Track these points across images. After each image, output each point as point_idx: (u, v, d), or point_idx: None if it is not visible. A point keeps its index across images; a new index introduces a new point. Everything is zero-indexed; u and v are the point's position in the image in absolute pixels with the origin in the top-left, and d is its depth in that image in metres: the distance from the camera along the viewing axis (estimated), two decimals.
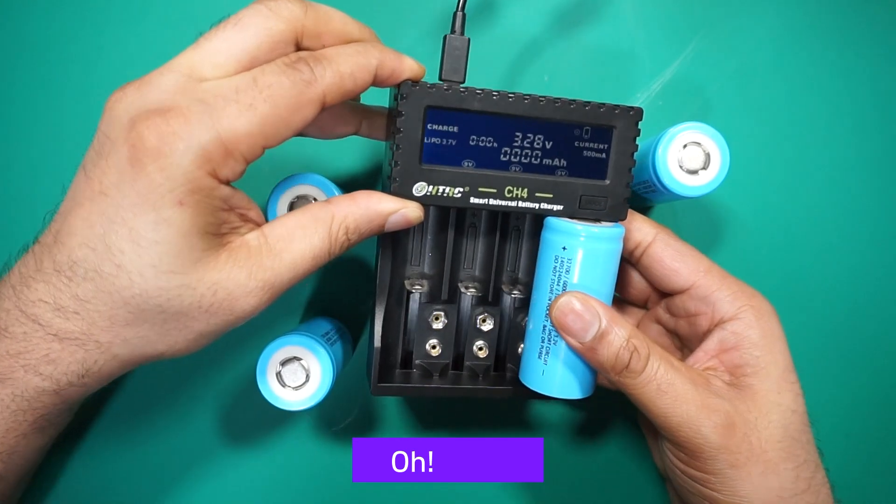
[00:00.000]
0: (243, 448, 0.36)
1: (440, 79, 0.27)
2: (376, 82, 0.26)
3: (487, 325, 0.31)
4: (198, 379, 0.35)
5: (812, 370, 0.31)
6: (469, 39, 0.28)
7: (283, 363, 0.28)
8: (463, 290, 0.30)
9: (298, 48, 0.25)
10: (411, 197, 0.27)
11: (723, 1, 0.36)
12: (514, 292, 0.31)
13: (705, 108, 0.36)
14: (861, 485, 0.38)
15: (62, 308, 0.23)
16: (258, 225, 0.26)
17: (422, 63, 0.27)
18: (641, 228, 0.30)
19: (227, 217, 0.24)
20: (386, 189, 0.28)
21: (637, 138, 0.28)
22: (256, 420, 0.36)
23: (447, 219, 0.30)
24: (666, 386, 0.26)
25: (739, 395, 0.27)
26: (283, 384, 0.28)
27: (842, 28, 0.37)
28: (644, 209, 0.37)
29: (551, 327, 0.28)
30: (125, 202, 0.22)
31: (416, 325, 0.31)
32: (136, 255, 0.22)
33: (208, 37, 0.24)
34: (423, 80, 0.27)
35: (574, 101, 0.27)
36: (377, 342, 0.29)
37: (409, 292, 0.30)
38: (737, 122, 0.37)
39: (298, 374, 0.28)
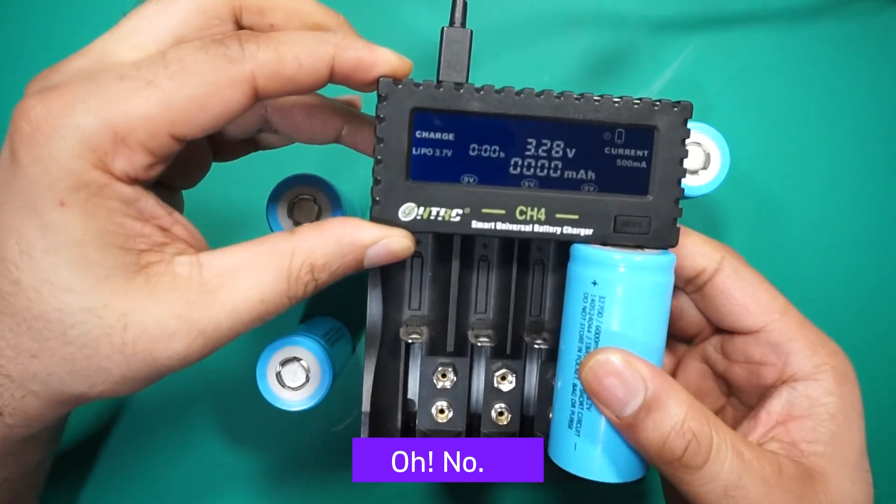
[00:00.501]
0: (243, 448, 0.36)
1: (438, 80, 0.22)
2: (339, 77, 0.21)
3: (508, 384, 0.25)
4: (197, 379, 0.35)
5: None
6: (471, 32, 0.23)
7: (283, 363, 0.27)
8: (473, 339, 0.24)
9: (240, 28, 0.21)
10: (397, 222, 0.22)
11: (723, 0, 0.36)
12: (538, 342, 0.25)
13: (705, 108, 0.36)
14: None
15: None
16: (194, 249, 0.21)
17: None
18: (705, 252, 0.24)
19: (138, 228, 0.20)
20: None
21: (686, 140, 0.22)
22: (256, 420, 0.36)
23: (450, 248, 0.25)
24: (734, 489, 0.20)
25: (809, 488, 0.22)
26: (283, 384, 0.27)
27: (842, 27, 0.36)
28: None
29: (582, 388, 0.21)
30: (11, 206, 0.19)
31: (419, 383, 0.25)
32: (30, 269, 0.19)
33: (130, 16, 0.21)
34: (409, 79, 0.21)
35: (602, 96, 0.22)
36: (365, 405, 0.23)
37: (406, 343, 0.25)
38: (737, 121, 0.36)
39: (298, 375, 0.27)
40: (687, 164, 0.25)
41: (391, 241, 0.21)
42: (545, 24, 0.36)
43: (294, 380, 0.27)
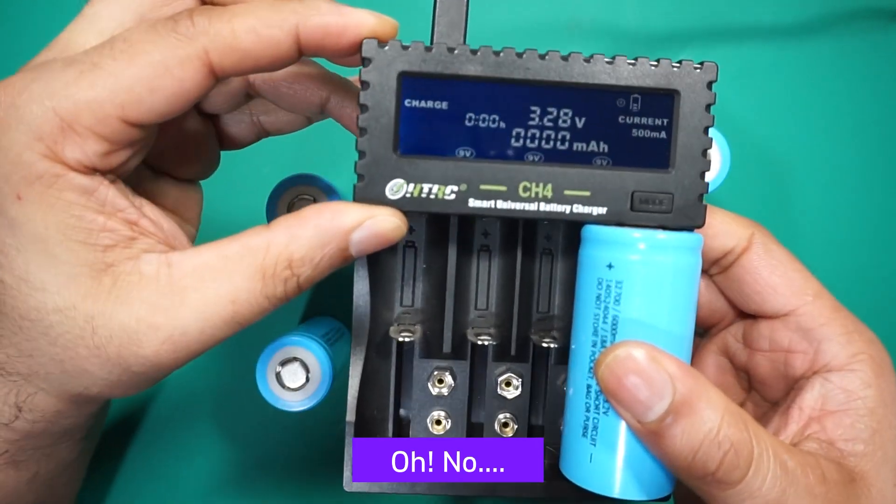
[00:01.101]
0: (242, 448, 0.36)
1: (431, 42, 0.20)
2: (308, 48, 0.19)
3: (513, 391, 0.22)
4: (197, 379, 0.35)
5: None
6: None
7: (283, 363, 0.27)
8: (473, 338, 0.22)
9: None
10: (384, 200, 0.19)
11: (723, 5, 0.36)
12: (547, 340, 0.22)
13: None
14: None
15: None
16: (165, 246, 0.20)
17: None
18: (732, 230, 0.22)
19: (101, 221, 0.19)
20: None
21: (711, 107, 0.20)
22: (255, 420, 0.35)
23: (446, 234, 0.22)
24: None
25: (852, 493, 0.20)
26: (283, 385, 0.27)
27: (843, 26, 0.36)
28: None
29: (598, 389, 0.18)
30: None
31: (413, 389, 0.22)
32: (8, 268, 0.19)
33: (91, 2, 0.20)
34: (396, 40, 0.19)
35: (615, 57, 0.19)
36: (350, 414, 0.21)
37: (398, 342, 0.22)
38: (738, 121, 0.36)
39: (298, 375, 0.27)
40: None
41: (377, 222, 0.19)
42: (543, 34, 0.36)
43: (294, 380, 0.27)
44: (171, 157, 0.23)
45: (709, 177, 0.24)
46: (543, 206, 0.19)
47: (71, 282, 0.18)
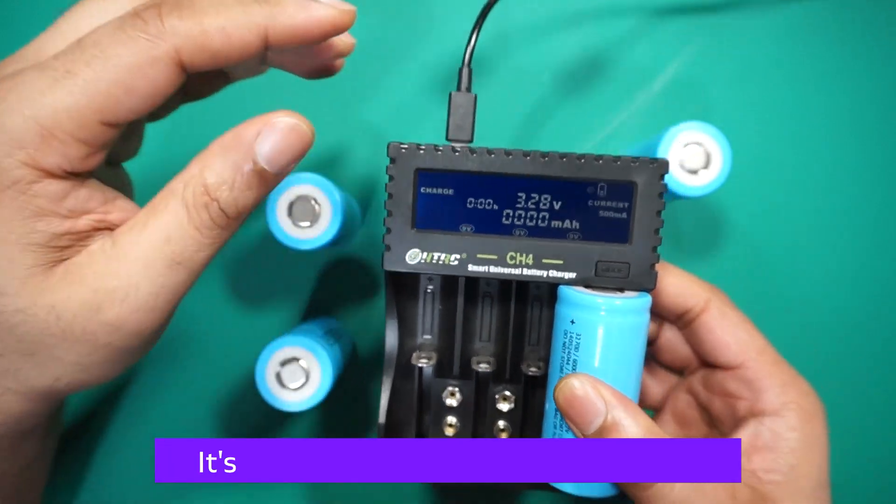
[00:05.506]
0: None
1: (447, 139, 0.26)
2: (276, 47, 0.20)
3: (508, 405, 0.28)
4: (197, 379, 0.35)
5: (814, 372, 0.28)
6: (475, 96, 0.26)
7: (283, 364, 0.27)
8: (475, 365, 0.28)
9: None
10: (405, 266, 0.25)
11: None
12: (532, 370, 0.28)
13: (706, 108, 0.36)
14: None
15: None
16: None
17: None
18: (693, 292, 0.27)
19: (65, 226, 0.19)
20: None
21: (664, 194, 0.24)
22: (255, 421, 0.36)
23: (456, 284, 0.28)
24: None
25: None
26: (283, 385, 0.27)
27: (843, 26, 0.36)
28: None
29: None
30: None
31: (431, 401, 0.28)
32: None
33: (66, 13, 0.21)
34: (412, 142, 0.25)
35: (584, 155, 0.24)
36: (381, 417, 0.27)
37: (418, 367, 0.28)
38: (738, 121, 0.36)
39: (298, 375, 0.27)
40: (688, 163, 0.28)
41: (275, 125, 0.20)
42: (546, 23, 0.36)
43: (294, 380, 0.27)
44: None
45: (709, 177, 0.28)
46: (526, 271, 0.25)
47: (26, 282, 0.19)
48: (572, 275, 0.25)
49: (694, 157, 0.28)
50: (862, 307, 0.36)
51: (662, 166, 0.24)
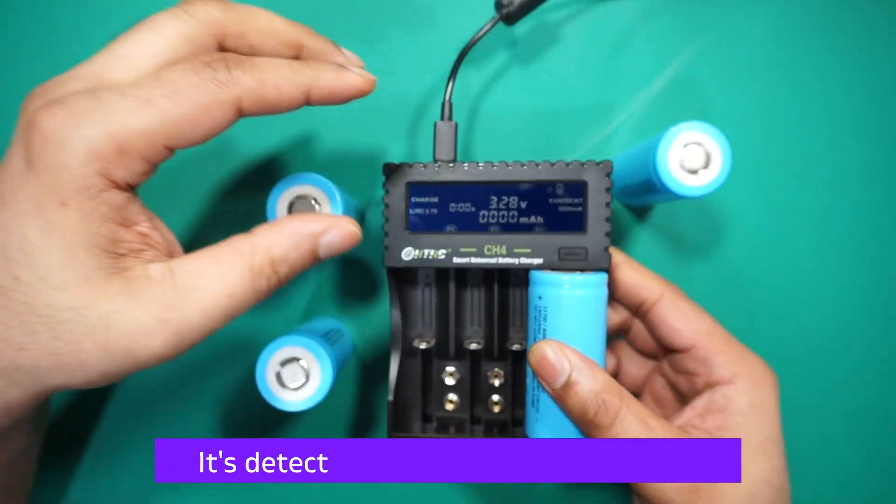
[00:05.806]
0: None
1: (434, 159, 0.32)
2: (314, 102, 0.24)
3: (498, 380, 0.33)
4: (197, 379, 0.35)
5: (813, 371, 0.30)
6: (456, 124, 0.32)
7: (283, 363, 0.27)
8: (468, 345, 0.33)
9: (224, 51, 0.24)
10: (401, 262, 0.31)
11: None
12: (515, 346, 0.33)
13: (706, 107, 0.36)
14: None
15: None
16: (167, 255, 0.23)
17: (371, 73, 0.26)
18: (649, 286, 0.31)
19: (121, 233, 0.22)
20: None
21: (610, 189, 0.30)
22: (255, 421, 0.36)
23: (447, 275, 0.33)
24: None
25: None
26: (283, 385, 0.27)
27: (844, 25, 0.36)
28: (644, 209, 0.37)
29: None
30: (20, 208, 0.21)
31: (432, 380, 0.33)
32: (29, 266, 0.20)
33: (120, 40, 0.23)
34: (403, 162, 0.31)
35: (542, 162, 0.30)
36: (390, 395, 0.32)
37: (419, 349, 0.33)
38: (738, 121, 0.36)
39: (298, 375, 0.27)
40: (688, 163, 0.29)
41: (341, 228, 0.24)
42: (546, 23, 0.36)
43: (294, 380, 0.27)
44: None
45: (709, 177, 0.28)
46: (501, 260, 0.30)
47: (87, 283, 0.20)
48: (540, 260, 0.30)
49: (694, 157, 0.28)
50: (862, 307, 0.37)
51: (607, 166, 0.30)
